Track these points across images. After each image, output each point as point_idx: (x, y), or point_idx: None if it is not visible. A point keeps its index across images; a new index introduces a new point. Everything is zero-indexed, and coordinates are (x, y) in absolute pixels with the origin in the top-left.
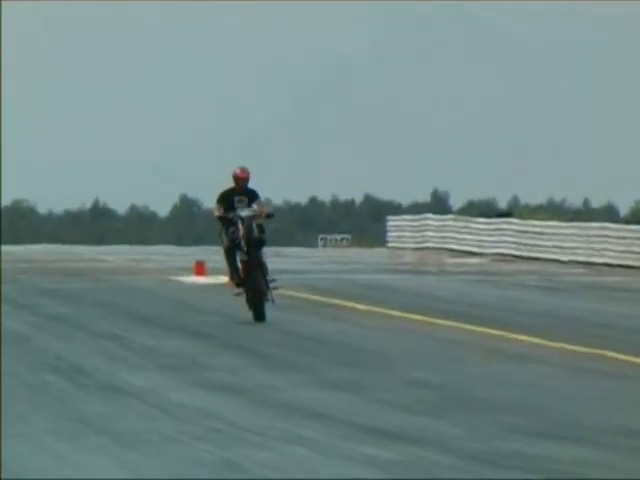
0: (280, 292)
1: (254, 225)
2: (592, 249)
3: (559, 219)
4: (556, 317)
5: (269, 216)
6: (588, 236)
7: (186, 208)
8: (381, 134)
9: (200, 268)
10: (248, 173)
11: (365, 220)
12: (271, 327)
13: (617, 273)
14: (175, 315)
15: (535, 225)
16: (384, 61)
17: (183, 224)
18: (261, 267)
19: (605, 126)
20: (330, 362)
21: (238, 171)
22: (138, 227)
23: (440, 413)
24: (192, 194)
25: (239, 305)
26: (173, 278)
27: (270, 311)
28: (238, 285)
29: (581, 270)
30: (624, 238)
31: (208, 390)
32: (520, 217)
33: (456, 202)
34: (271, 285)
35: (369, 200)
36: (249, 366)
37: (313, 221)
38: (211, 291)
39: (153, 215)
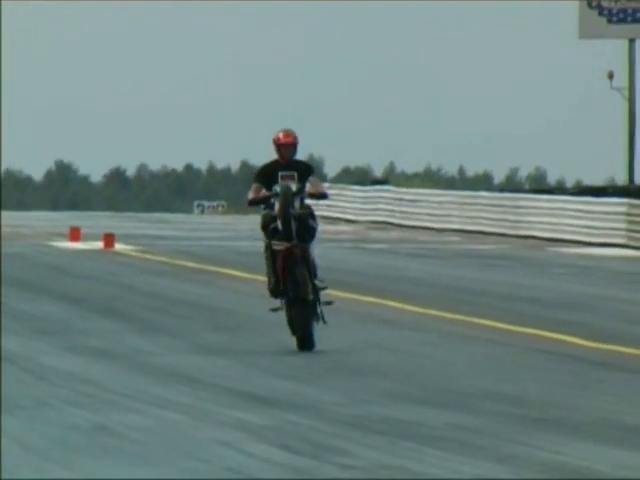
0: (155, 258)
1: (297, 201)
2: (466, 217)
3: (435, 187)
4: (428, 284)
5: (322, 196)
6: (462, 204)
7: (61, 173)
8: (262, 101)
9: (75, 234)
10: (295, 137)
11: (241, 187)
12: (146, 292)
13: (491, 241)
14: (49, 280)
15: (410, 193)
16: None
17: (58, 189)
18: (307, 262)
19: (479, 88)
20: (204, 327)
21: (281, 135)
22: (13, 191)
23: (312, 378)
24: (67, 159)
25: (114, 270)
26: (48, 243)
27: (143, 276)
28: (274, 294)
29: (455, 238)
30: (498, 206)
31: (82, 355)
32: (396, 185)
33: (331, 169)
34: (321, 292)
35: (245, 167)
36: (123, 331)
37: (190, 188)
38: (85, 257)
39: (28, 179)
